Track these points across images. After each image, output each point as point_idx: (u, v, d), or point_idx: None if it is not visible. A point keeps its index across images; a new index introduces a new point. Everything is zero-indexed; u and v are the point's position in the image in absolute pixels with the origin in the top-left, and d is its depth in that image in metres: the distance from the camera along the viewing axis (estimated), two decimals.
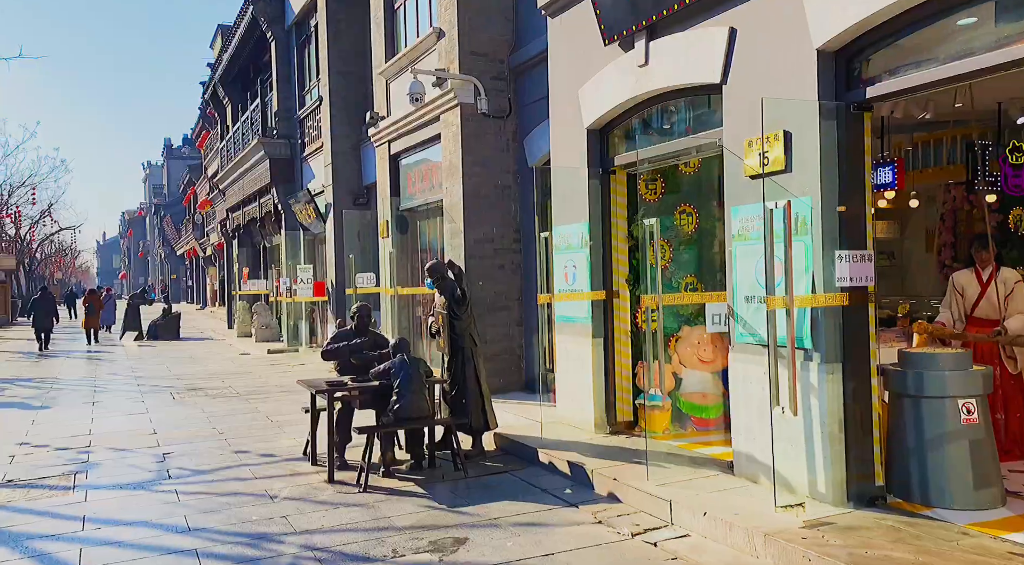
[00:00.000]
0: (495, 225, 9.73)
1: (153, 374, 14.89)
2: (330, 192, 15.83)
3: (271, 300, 18.59)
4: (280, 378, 13.63)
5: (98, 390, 12.81)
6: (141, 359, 18.04)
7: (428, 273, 7.32)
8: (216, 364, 16.44)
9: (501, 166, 9.77)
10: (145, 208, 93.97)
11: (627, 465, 5.91)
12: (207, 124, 43.88)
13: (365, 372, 7.28)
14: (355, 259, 15.74)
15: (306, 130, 17.89)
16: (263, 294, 22.93)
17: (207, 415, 9.97)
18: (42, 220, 41.56)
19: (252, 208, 21.36)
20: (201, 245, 46.80)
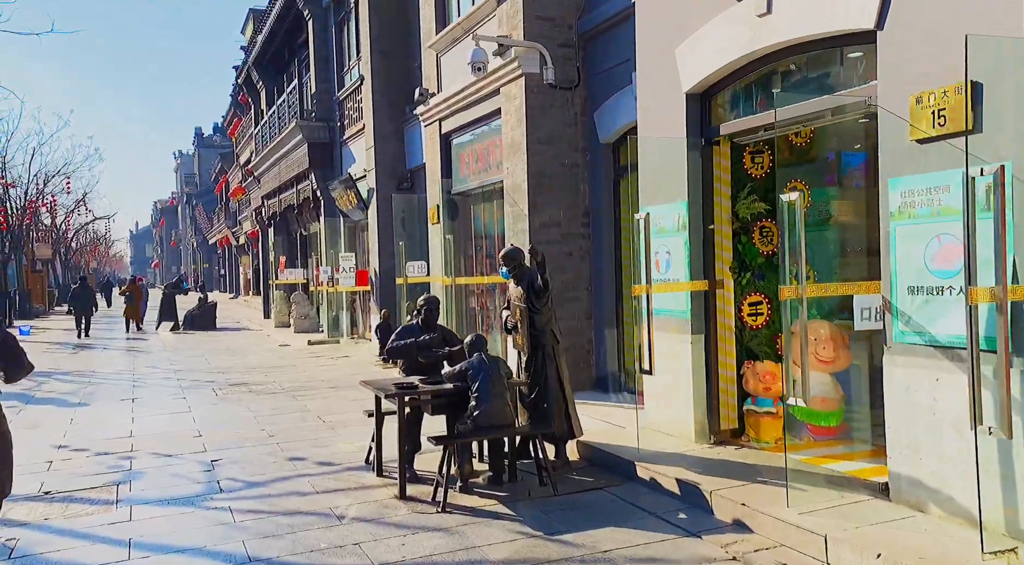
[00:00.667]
0: (562, 208, 8.88)
1: (192, 367, 14.32)
2: (372, 176, 15.08)
3: (311, 290, 17.97)
4: (325, 372, 12.96)
5: (137, 385, 12.24)
6: (179, 350, 17.53)
7: (503, 260, 6.50)
8: (256, 356, 15.84)
9: (569, 142, 8.90)
10: (177, 197, 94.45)
11: (752, 485, 5.07)
12: (238, 111, 43.46)
13: (433, 372, 6.52)
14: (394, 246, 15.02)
15: (346, 112, 17.14)
16: (300, 283, 22.35)
17: (253, 414, 9.29)
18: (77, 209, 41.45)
19: (289, 195, 20.72)
20: (234, 234, 46.56)
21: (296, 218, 22.33)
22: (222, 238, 54.40)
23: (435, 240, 11.67)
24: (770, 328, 6.43)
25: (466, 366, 5.79)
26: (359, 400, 10.00)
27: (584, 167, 8.95)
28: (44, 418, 9.58)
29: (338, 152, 17.74)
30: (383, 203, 14.98)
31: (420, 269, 11.37)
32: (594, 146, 8.86)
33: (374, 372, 12.66)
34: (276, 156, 20.86)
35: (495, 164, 9.96)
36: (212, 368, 14.09)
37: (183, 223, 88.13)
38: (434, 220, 11.61)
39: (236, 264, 51.11)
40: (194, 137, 77.69)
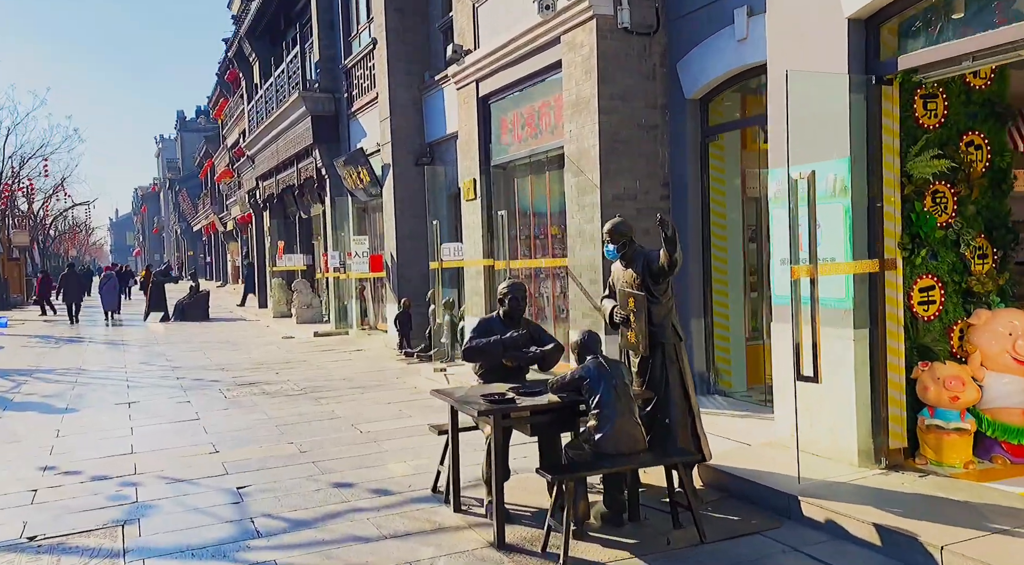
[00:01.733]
0: (638, 177, 7.53)
1: (191, 363, 12.88)
2: (387, 151, 13.64)
3: (318, 276, 16.53)
4: (342, 368, 11.57)
5: (132, 385, 10.80)
6: (172, 344, 16.05)
7: (610, 236, 5.15)
8: (260, 350, 14.42)
9: (646, 99, 7.54)
10: (159, 183, 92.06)
11: (990, 537, 3.77)
12: (225, 91, 41.56)
13: (517, 377, 5.19)
14: (415, 228, 13.61)
15: (354, 82, 15.64)
16: (300, 270, 20.88)
17: (274, 422, 7.91)
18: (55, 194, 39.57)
19: (288, 174, 19.20)
20: (221, 219, 44.81)
21: (296, 200, 20.80)
22: (208, 224, 52.58)
23: (471, 218, 10.28)
24: (942, 320, 5.14)
25: (581, 373, 4.44)
26: (394, 403, 8.66)
27: (663, 128, 7.59)
28: (25, 428, 8.15)
29: (345, 126, 16.25)
30: (400, 180, 13.55)
31: (456, 252, 9.99)
32: (676, 103, 7.50)
33: (397, 368, 11.30)
34: (273, 133, 19.31)
35: (549, 129, 8.58)
36: (214, 364, 12.65)
37: (166, 210, 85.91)
38: (469, 196, 10.22)
39: (223, 251, 49.36)
40: (176, 121, 75.50)
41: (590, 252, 7.55)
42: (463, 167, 10.46)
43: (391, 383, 10.09)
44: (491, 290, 10.02)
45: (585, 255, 7.64)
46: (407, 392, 9.37)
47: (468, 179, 10.23)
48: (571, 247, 7.89)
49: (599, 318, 7.36)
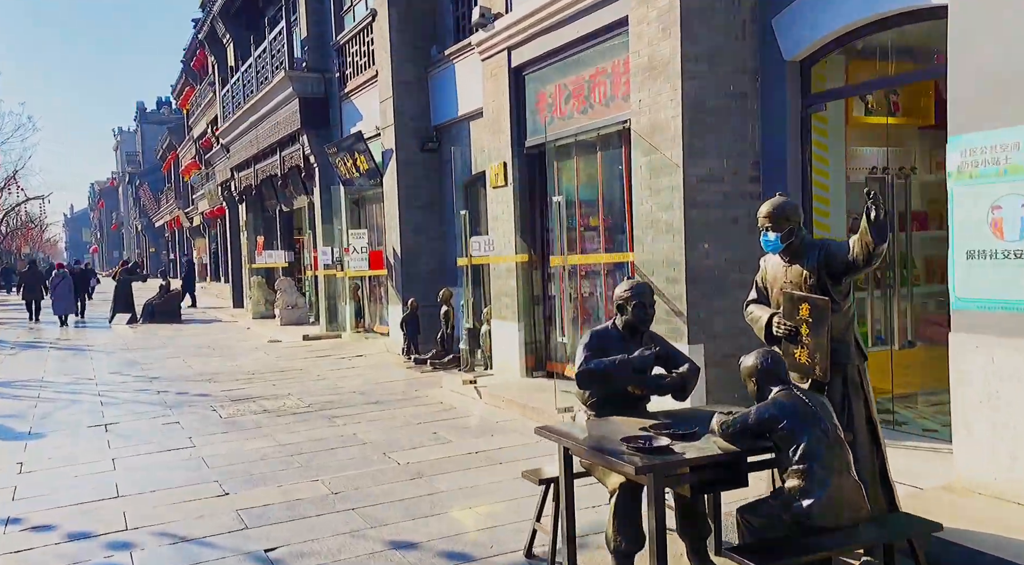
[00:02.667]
0: (726, 155, 6.35)
1: (171, 373, 11.41)
2: (389, 134, 12.29)
3: (307, 274, 15.10)
4: (347, 378, 10.23)
5: (106, 401, 9.34)
6: (146, 350, 14.50)
7: (771, 220, 3.95)
8: (247, 357, 12.98)
9: (734, 62, 6.36)
10: (118, 177, 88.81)
11: None
12: (191, 79, 39.50)
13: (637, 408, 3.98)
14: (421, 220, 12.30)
15: (348, 60, 14.23)
16: (281, 267, 19.38)
17: (288, 450, 6.58)
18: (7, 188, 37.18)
19: (269, 164, 17.68)
20: (187, 214, 42.79)
21: (276, 192, 19.28)
22: (171, 220, 50.36)
23: (499, 208, 9.01)
24: None
25: (773, 412, 3.21)
26: (424, 423, 7.39)
27: (753, 97, 6.42)
28: None
29: (336, 109, 14.83)
30: (404, 167, 12.22)
31: (487, 246, 8.70)
32: (771, 67, 6.32)
33: (411, 378, 10.00)
34: (253, 118, 17.78)
35: (604, 101, 7.35)
36: (197, 374, 11.20)
37: (125, 205, 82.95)
38: (498, 182, 8.96)
39: (189, 248, 47.25)
40: (136, 112, 72.75)
41: (666, 244, 6.36)
42: (491, 149, 9.19)
43: (412, 397, 8.79)
44: (526, 290, 8.77)
45: (660, 248, 6.44)
46: (434, 408, 8.09)
47: (496, 163, 8.96)
48: (639, 239, 6.68)
49: (678, 324, 6.18)
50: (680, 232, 6.19)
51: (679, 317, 6.21)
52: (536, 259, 8.73)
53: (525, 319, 8.72)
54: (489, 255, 8.70)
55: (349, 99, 14.27)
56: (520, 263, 8.69)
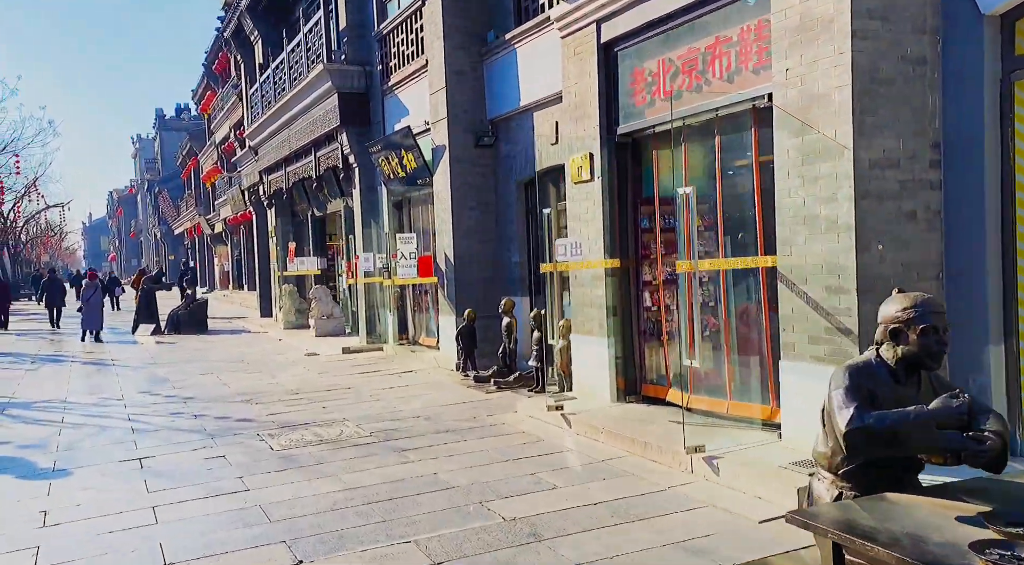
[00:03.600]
0: (903, 134, 5.19)
1: (206, 392, 10.35)
2: (442, 129, 11.21)
3: (349, 282, 14.02)
4: (405, 399, 9.11)
5: (138, 427, 8.27)
6: (175, 364, 13.47)
7: None
8: (287, 373, 11.90)
9: (912, 19, 5.20)
10: (136, 185, 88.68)
11: None
12: (213, 83, 38.76)
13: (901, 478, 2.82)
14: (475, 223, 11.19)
15: (391, 51, 13.18)
16: (313, 274, 18.36)
17: (362, 497, 5.47)
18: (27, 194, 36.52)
19: (304, 165, 16.66)
20: (208, 221, 42.01)
21: (308, 195, 18.27)
22: (192, 227, 49.66)
23: (583, 206, 7.87)
24: None
25: None
26: (512, 459, 6.26)
27: (934, 63, 5.25)
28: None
29: (378, 104, 13.77)
30: (458, 165, 11.14)
31: (574, 250, 7.54)
32: (958, 24, 5.15)
33: (476, 400, 8.87)
34: (285, 117, 16.78)
35: (726, 75, 6.21)
36: (236, 393, 10.14)
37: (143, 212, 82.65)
38: (581, 176, 7.82)
39: (210, 255, 46.51)
40: (155, 119, 72.33)
41: (826, 245, 5.20)
42: (571, 140, 8.05)
43: (485, 424, 7.66)
44: (619, 302, 7.61)
45: (816, 250, 5.28)
46: (518, 440, 6.95)
47: (579, 155, 7.83)
48: (785, 240, 5.53)
49: (846, 345, 5.01)
50: (848, 230, 5.04)
51: (846, 336, 5.05)
52: (630, 264, 7.58)
53: (616, 334, 7.57)
54: (576, 260, 7.55)
55: (393, 93, 13.22)
56: (611, 269, 7.54)
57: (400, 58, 12.84)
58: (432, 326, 13.18)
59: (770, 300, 6.01)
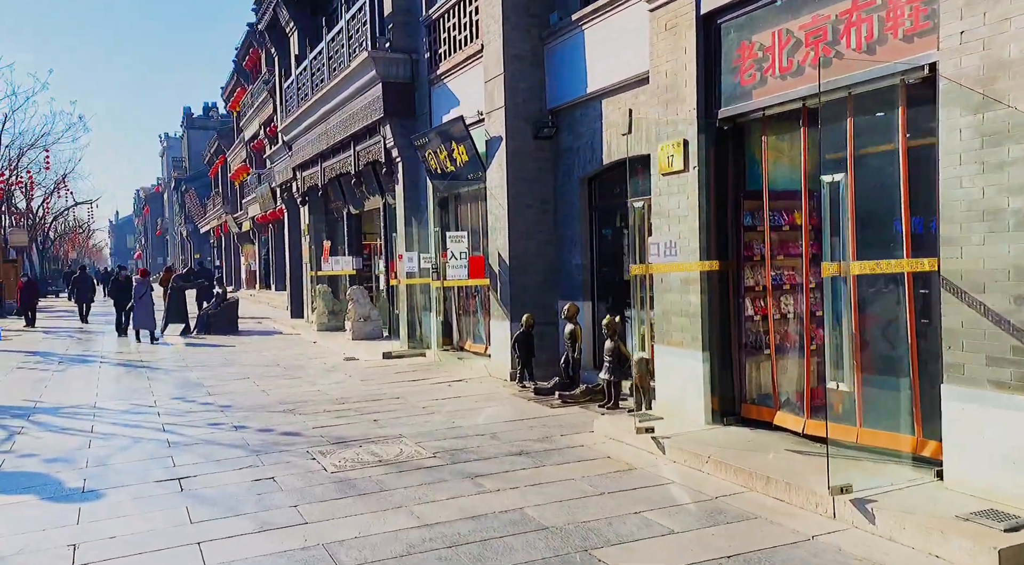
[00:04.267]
0: None
1: (244, 399, 9.59)
2: (498, 119, 10.39)
3: (392, 282, 13.23)
4: (463, 414, 8.27)
5: (174, 440, 7.51)
6: (208, 368, 12.74)
7: None
8: (327, 379, 11.13)
9: None
10: (163, 183, 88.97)
11: None
12: (243, 79, 38.32)
13: None
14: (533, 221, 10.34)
15: (441, 36, 12.38)
16: (348, 274, 17.63)
17: (439, 537, 4.63)
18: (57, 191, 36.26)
19: (341, 160, 15.92)
20: (236, 220, 41.55)
21: (344, 192, 17.54)
22: (219, 225, 49.35)
23: (674, 200, 6.98)
24: None
25: None
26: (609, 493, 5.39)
27: None
28: (20, 540, 4.86)
29: (424, 95, 12.98)
30: (515, 158, 10.30)
31: (669, 250, 6.63)
32: None
33: (543, 416, 8.01)
34: (323, 110, 16.06)
35: (868, 44, 5.30)
36: (277, 402, 9.36)
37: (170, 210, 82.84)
38: (672, 166, 6.95)
39: (236, 254, 46.10)
40: (183, 118, 72.36)
41: (1014, 247, 4.29)
42: (659, 127, 7.17)
43: (560, 445, 6.80)
44: (715, 310, 6.71)
45: (999, 252, 4.37)
46: (604, 467, 6.08)
47: (671, 142, 6.95)
48: (953, 239, 4.62)
49: None
50: None
51: None
52: (730, 267, 6.69)
53: (712, 346, 6.68)
54: (670, 261, 6.66)
55: (441, 82, 12.42)
56: (707, 272, 6.65)
57: (451, 44, 12.03)
58: (480, 331, 12.35)
59: (919, 311, 5.10)
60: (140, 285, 17.50)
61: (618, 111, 9.03)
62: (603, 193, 9.90)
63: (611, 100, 9.18)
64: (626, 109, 8.87)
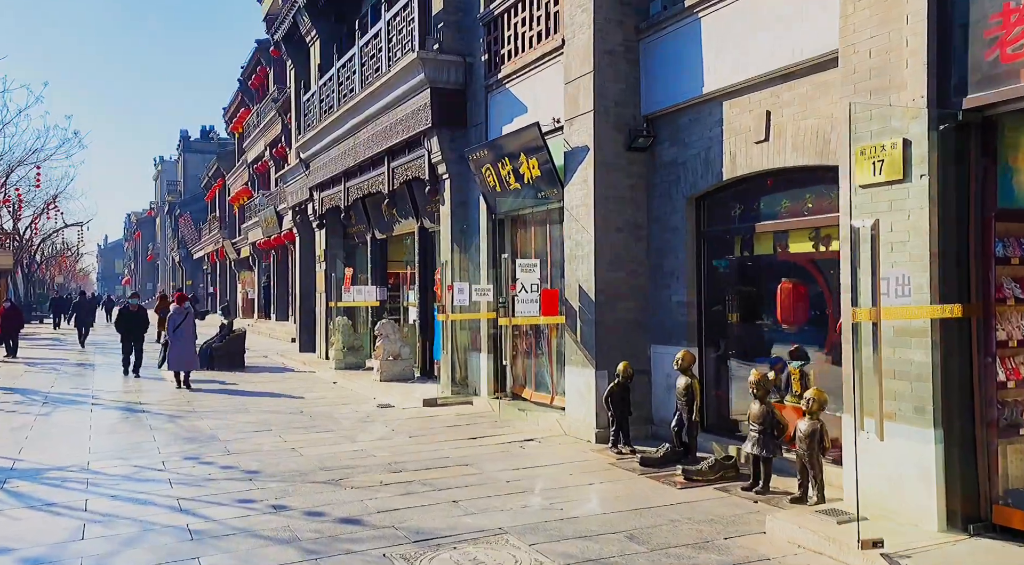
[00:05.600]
0: None
1: (275, 463, 7.69)
2: (583, 127, 8.71)
3: (440, 317, 11.40)
4: (565, 494, 6.42)
5: (195, 525, 5.61)
6: (220, 415, 10.82)
7: None
8: (366, 433, 9.25)
9: None
10: (156, 207, 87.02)
11: None
12: (247, 99, 36.80)
13: None
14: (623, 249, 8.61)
15: (503, 36, 10.75)
16: (370, 306, 15.82)
17: None
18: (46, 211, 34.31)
19: (371, 179, 14.18)
20: (234, 245, 39.66)
21: (373, 214, 15.80)
22: (214, 251, 47.42)
23: (889, 219, 5.23)
24: None
25: None
26: None
27: None
28: None
29: (479, 104, 11.31)
30: (604, 172, 8.62)
31: (901, 286, 4.85)
32: None
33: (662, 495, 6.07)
34: (351, 123, 14.37)
35: None
36: (314, 466, 7.48)
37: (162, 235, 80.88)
38: (878, 176, 5.23)
39: (232, 281, 44.08)
40: (180, 141, 70.93)
41: None
42: (859, 121, 5.45)
43: (735, 558, 4.96)
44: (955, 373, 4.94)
45: None
46: None
47: (885, 142, 5.22)
48: None
49: None
50: None
51: None
52: (974, 313, 4.93)
53: (948, 424, 4.89)
54: (901, 303, 4.88)
55: (503, 87, 10.76)
56: (944, 320, 4.89)
57: (518, 42, 10.39)
58: (543, 377, 10.54)
59: None
60: (177, 314, 14.27)
61: (749, 113, 7.37)
62: (717, 215, 8.20)
63: (736, 101, 7.52)
64: (761, 111, 7.22)
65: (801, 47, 6.69)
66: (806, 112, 6.76)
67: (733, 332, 8.07)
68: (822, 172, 6.75)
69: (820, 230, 6.98)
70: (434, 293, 13.50)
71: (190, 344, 14.02)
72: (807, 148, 6.74)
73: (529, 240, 10.81)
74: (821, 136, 6.60)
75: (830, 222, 6.80)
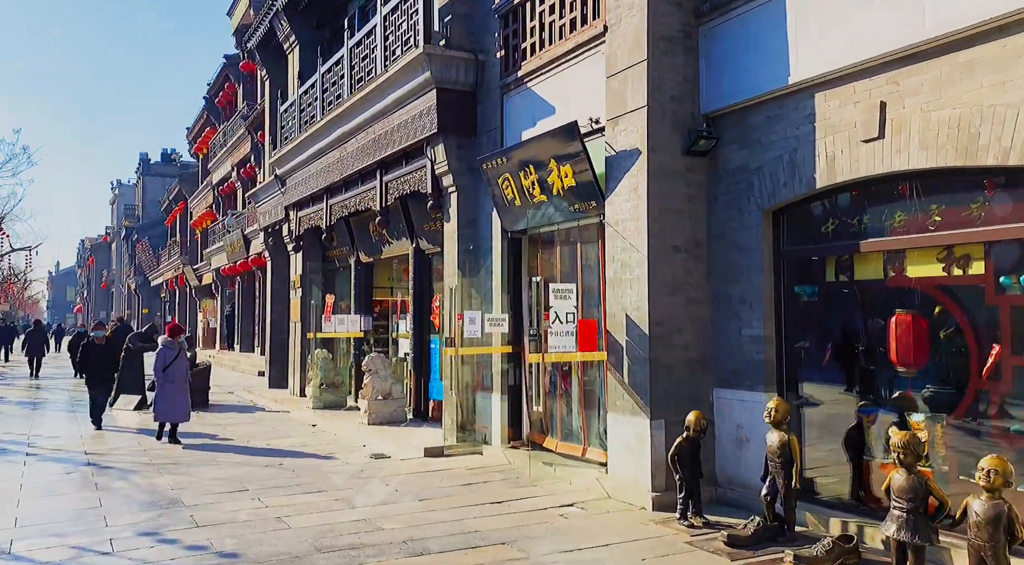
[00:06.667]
0: None
1: (256, 542, 5.98)
2: (633, 127, 7.30)
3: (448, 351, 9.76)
4: None
5: None
6: (184, 468, 9.01)
7: None
8: (363, 494, 7.58)
9: None
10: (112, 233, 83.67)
11: None
12: (213, 118, 34.99)
13: None
14: (680, 271, 7.17)
15: (526, 27, 9.35)
16: (353, 337, 14.16)
17: None
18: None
19: (359, 195, 12.60)
20: (196, 271, 37.50)
21: (361, 234, 14.19)
22: (173, 278, 45.04)
23: None
24: None
25: None
26: None
27: None
28: None
29: (493, 105, 9.86)
30: (659, 180, 7.21)
31: None
32: None
33: None
34: (337, 133, 12.83)
35: None
36: (308, 546, 5.80)
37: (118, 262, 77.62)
38: None
39: (192, 309, 41.73)
40: (139, 164, 68.34)
41: None
42: None
43: None
44: None
45: None
46: None
47: None
48: None
49: None
50: None
51: None
52: None
53: None
54: None
55: (523, 86, 9.34)
56: None
57: (544, 34, 9.01)
58: (573, 424, 8.99)
59: None
60: (168, 350, 11.16)
61: (854, 107, 6.05)
62: (801, 232, 6.83)
63: (835, 92, 6.22)
64: (872, 102, 5.90)
65: (938, 18, 5.40)
66: (940, 101, 5.45)
67: (823, 375, 6.65)
68: (962, 176, 5.44)
69: (953, 248, 5.64)
70: (431, 323, 11.92)
71: (182, 388, 11.11)
72: (942, 146, 5.41)
73: (554, 262, 9.32)
74: (964, 130, 5.27)
75: (970, 238, 5.48)
